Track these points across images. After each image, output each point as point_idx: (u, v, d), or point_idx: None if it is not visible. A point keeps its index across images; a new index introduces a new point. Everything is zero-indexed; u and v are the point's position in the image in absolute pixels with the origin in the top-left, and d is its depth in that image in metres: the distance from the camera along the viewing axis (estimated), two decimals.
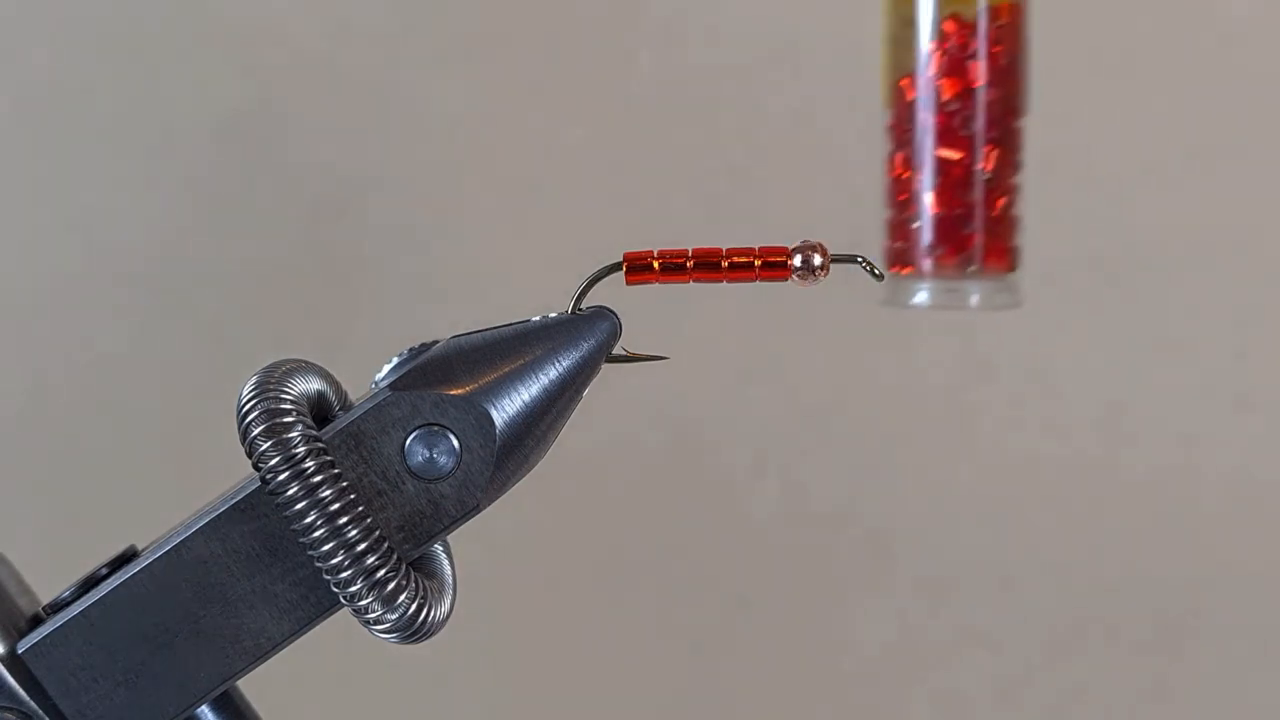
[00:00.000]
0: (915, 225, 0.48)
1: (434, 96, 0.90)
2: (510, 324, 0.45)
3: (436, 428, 0.44)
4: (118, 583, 0.44)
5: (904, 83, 0.48)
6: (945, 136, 0.47)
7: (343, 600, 0.43)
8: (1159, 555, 0.92)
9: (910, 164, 0.47)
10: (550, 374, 0.45)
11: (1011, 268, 0.48)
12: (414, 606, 0.42)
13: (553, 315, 0.46)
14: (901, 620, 0.93)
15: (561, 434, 0.46)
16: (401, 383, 0.44)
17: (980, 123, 0.47)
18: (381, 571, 0.42)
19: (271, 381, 0.43)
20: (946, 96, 0.47)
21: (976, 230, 0.47)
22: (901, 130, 0.48)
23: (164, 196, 0.90)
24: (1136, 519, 0.92)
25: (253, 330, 0.90)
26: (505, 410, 0.44)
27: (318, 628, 0.45)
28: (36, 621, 0.46)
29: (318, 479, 0.42)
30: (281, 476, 0.42)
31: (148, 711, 0.45)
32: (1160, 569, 0.92)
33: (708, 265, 0.45)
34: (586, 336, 0.45)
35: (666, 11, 0.91)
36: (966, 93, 0.47)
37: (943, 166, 0.47)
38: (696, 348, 0.90)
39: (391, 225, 0.90)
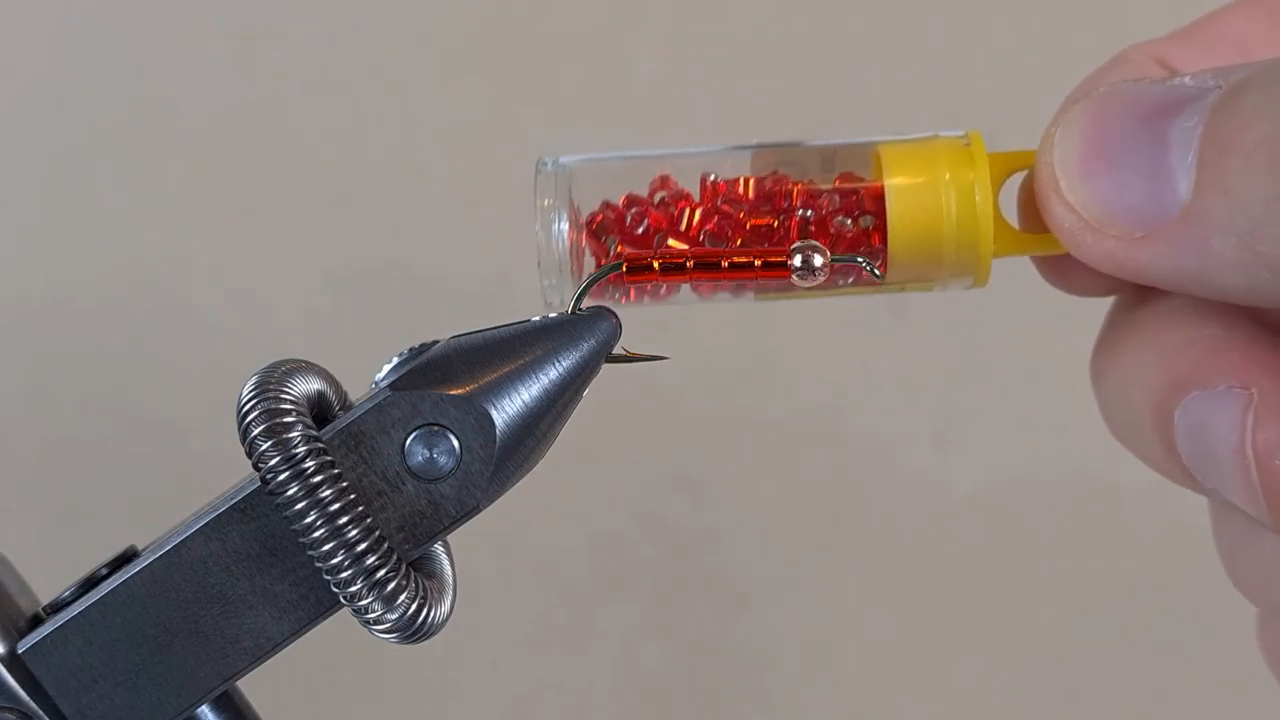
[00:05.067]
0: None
1: (434, 96, 0.90)
2: (510, 324, 0.45)
3: (436, 428, 0.44)
4: (118, 583, 0.45)
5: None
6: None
7: (343, 600, 0.43)
8: (1159, 555, 0.92)
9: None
10: (550, 374, 0.45)
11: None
12: (414, 606, 0.43)
13: (552, 315, 0.46)
14: (901, 620, 0.93)
15: (561, 434, 0.46)
16: (401, 383, 0.44)
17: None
18: (381, 571, 0.42)
19: (271, 381, 0.43)
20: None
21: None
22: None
23: (164, 196, 0.90)
24: (1136, 519, 0.92)
25: (253, 330, 0.91)
26: (505, 410, 0.44)
27: (318, 628, 0.45)
28: (36, 621, 0.46)
29: (318, 479, 0.42)
30: (281, 476, 0.42)
31: (148, 711, 0.45)
32: (1160, 569, 0.92)
33: (708, 265, 0.45)
34: (586, 337, 0.45)
35: (666, 12, 0.91)
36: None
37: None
38: (696, 348, 0.90)
39: (391, 225, 0.91)
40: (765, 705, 0.94)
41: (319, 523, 0.42)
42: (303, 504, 0.42)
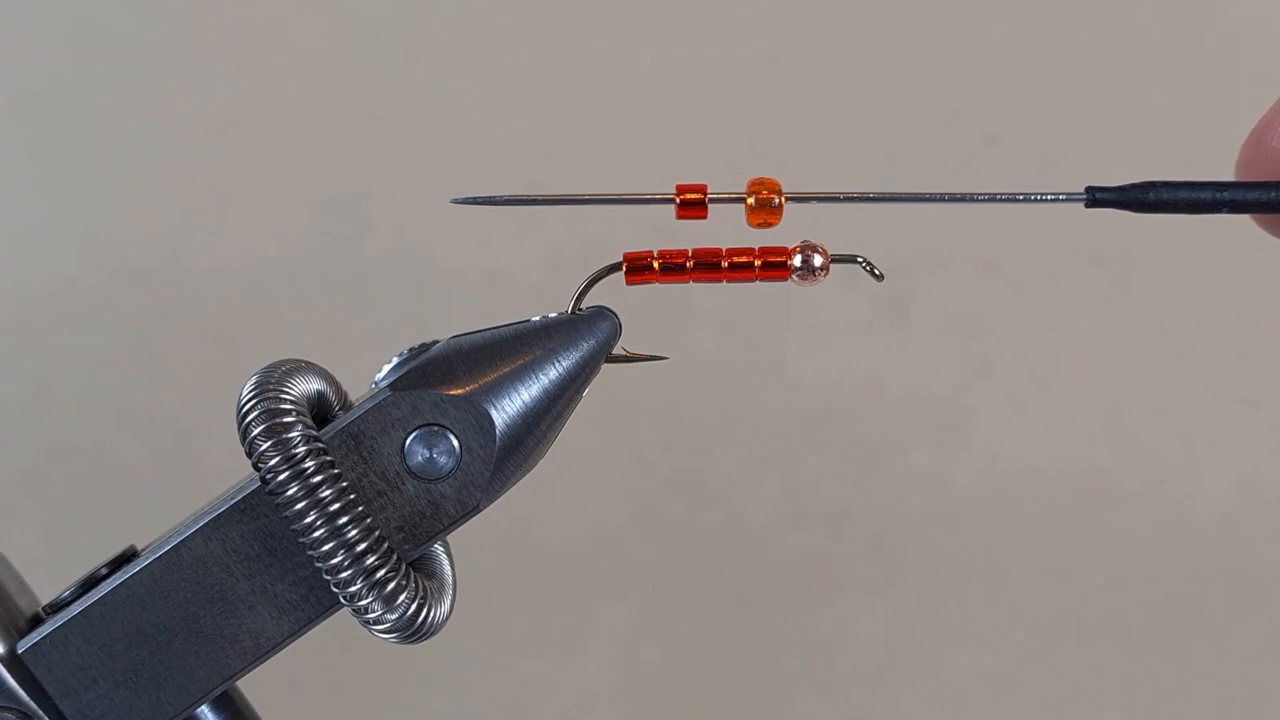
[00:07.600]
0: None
1: (434, 96, 0.90)
2: (510, 324, 0.45)
3: (436, 428, 0.44)
4: (118, 583, 0.45)
5: None
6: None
7: (342, 600, 0.43)
8: (1159, 556, 0.92)
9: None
10: (550, 374, 0.45)
11: None
12: (414, 606, 0.43)
13: (552, 315, 0.46)
14: (901, 620, 0.93)
15: (561, 434, 0.46)
16: (401, 383, 0.44)
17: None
18: (381, 571, 0.42)
19: (271, 381, 0.43)
20: None
21: None
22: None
23: (164, 196, 0.90)
24: (1137, 519, 0.92)
25: (253, 330, 0.90)
26: (505, 410, 0.44)
27: (318, 628, 0.45)
28: (36, 621, 0.46)
29: (317, 479, 0.42)
30: (281, 476, 0.42)
31: (148, 711, 0.45)
32: (1160, 569, 0.92)
33: (708, 265, 0.45)
34: (586, 337, 0.45)
35: (667, 12, 0.91)
36: None
37: None
38: (696, 348, 0.90)
39: (391, 225, 0.91)
40: (765, 705, 0.94)
41: (319, 523, 0.42)
42: (302, 504, 0.42)
